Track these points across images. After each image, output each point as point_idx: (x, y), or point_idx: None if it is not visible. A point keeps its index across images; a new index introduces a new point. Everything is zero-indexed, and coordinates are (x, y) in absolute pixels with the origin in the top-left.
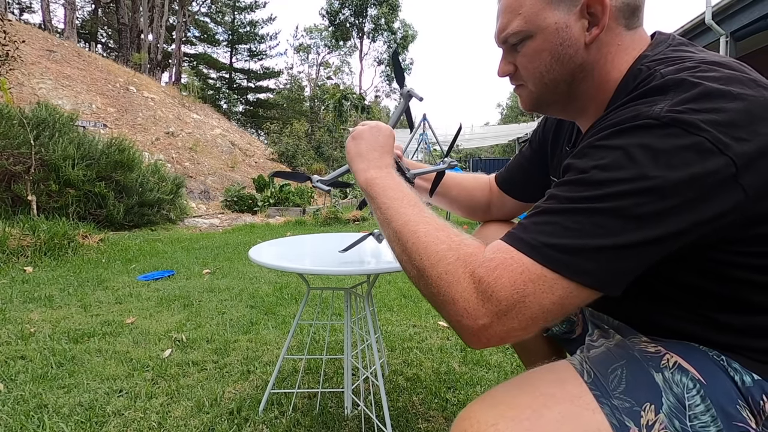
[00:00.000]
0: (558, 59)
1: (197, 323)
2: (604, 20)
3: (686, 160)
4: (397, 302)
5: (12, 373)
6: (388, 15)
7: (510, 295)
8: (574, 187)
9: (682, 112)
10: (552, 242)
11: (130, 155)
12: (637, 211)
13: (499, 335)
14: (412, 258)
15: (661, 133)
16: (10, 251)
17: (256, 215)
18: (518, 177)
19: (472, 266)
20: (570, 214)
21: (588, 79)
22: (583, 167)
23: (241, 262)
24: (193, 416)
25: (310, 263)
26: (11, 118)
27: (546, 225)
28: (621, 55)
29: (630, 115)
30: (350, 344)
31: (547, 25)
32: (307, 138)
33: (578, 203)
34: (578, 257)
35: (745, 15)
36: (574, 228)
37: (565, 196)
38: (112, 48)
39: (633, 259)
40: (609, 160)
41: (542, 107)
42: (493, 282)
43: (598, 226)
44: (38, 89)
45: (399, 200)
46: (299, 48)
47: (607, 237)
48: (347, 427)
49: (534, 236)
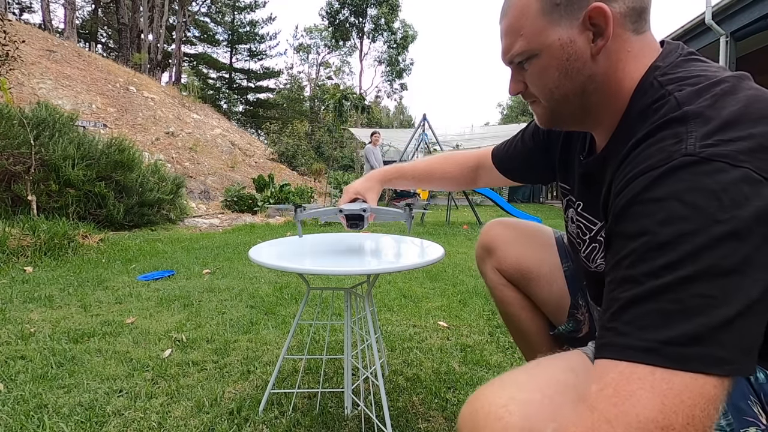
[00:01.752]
0: (566, 74)
1: (197, 323)
2: (609, 30)
3: (745, 194)
4: (397, 302)
5: (12, 373)
6: (388, 15)
7: (655, 417)
8: (643, 259)
9: (715, 145)
10: (667, 336)
11: (130, 155)
12: (726, 264)
13: None
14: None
15: (707, 170)
16: (10, 251)
17: (256, 215)
18: (519, 165)
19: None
20: (663, 294)
21: (599, 91)
22: (638, 230)
23: (241, 262)
24: (193, 416)
25: (310, 263)
26: (11, 118)
27: (644, 318)
28: (632, 62)
29: (661, 157)
30: (350, 344)
31: (550, 42)
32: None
33: (663, 277)
34: (704, 344)
35: (745, 15)
36: (677, 310)
37: (642, 273)
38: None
39: (754, 320)
40: (665, 213)
41: (558, 122)
42: (622, 415)
43: (701, 296)
44: (38, 89)
45: None
46: (299, 48)
47: (717, 307)
48: (347, 427)
49: (642, 335)
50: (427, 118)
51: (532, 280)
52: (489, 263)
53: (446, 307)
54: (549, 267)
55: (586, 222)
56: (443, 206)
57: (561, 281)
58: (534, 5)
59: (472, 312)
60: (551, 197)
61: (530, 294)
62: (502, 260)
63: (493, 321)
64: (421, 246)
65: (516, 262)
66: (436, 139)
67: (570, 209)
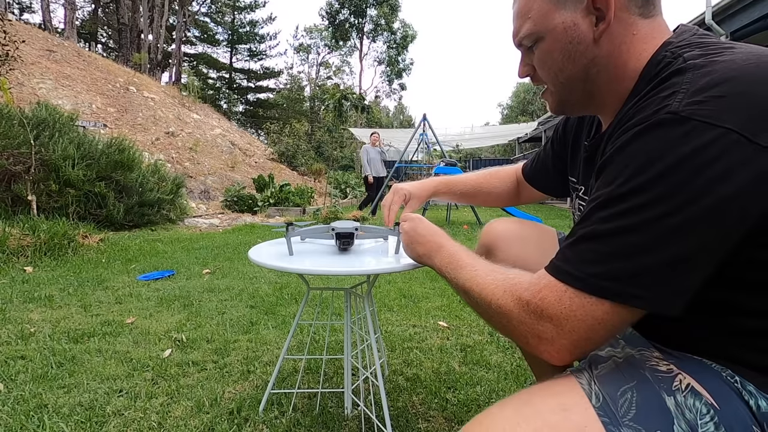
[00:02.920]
0: (569, 57)
1: (197, 323)
2: (610, 14)
3: (710, 158)
4: (397, 302)
5: (12, 373)
6: (388, 15)
7: (559, 311)
8: (603, 205)
9: (701, 102)
10: (595, 271)
11: (130, 155)
12: (667, 223)
13: (567, 348)
14: (480, 306)
15: (681, 131)
16: (10, 251)
17: (256, 215)
18: (542, 176)
19: (518, 293)
20: (605, 238)
21: (603, 73)
22: (610, 179)
23: (241, 262)
24: (193, 416)
25: (310, 263)
26: (11, 118)
27: (586, 252)
28: (638, 44)
29: (651, 110)
30: (350, 344)
31: (555, 25)
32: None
33: (609, 222)
34: (626, 282)
35: (745, 15)
36: (612, 252)
37: (598, 217)
38: (112, 48)
39: (682, 274)
40: (632, 168)
41: (566, 108)
42: (539, 302)
43: (632, 246)
44: (38, 89)
45: (459, 268)
46: (299, 48)
47: (644, 255)
48: (347, 427)
49: (577, 267)
50: (427, 118)
51: None
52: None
53: (446, 307)
54: None
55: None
56: (443, 206)
57: None
58: None
59: (472, 312)
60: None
61: None
62: (503, 261)
63: None
64: None
65: (516, 262)
66: (436, 139)
67: (577, 199)
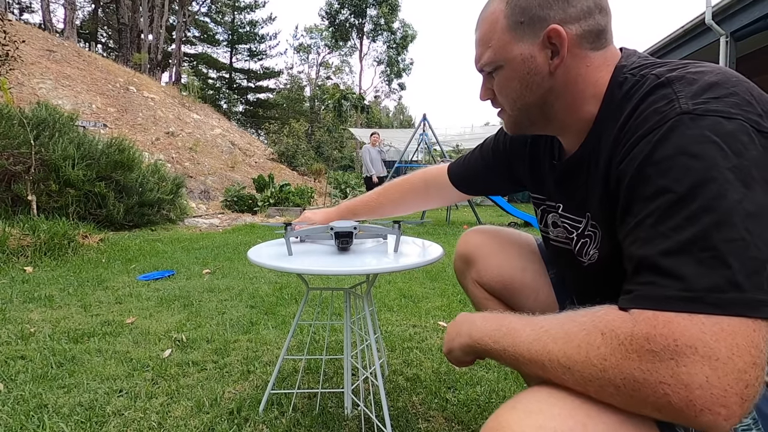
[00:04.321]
0: (527, 86)
1: (197, 323)
2: (563, 51)
3: (743, 142)
4: (397, 302)
5: (12, 373)
6: (388, 15)
7: (697, 340)
8: (666, 216)
9: (706, 102)
10: (708, 284)
11: (130, 155)
12: (744, 207)
13: (734, 392)
14: (571, 372)
15: (704, 123)
16: (10, 251)
17: (256, 215)
18: (479, 179)
19: (624, 330)
20: (694, 244)
21: (560, 100)
22: (655, 190)
23: (241, 262)
24: (193, 416)
25: (309, 263)
26: (11, 118)
27: (681, 268)
28: (593, 73)
29: (658, 118)
30: (350, 344)
31: (513, 56)
32: (307, 138)
33: (689, 228)
34: (742, 289)
35: (745, 15)
36: (711, 257)
37: (667, 228)
38: (112, 48)
39: None
40: (677, 169)
41: (523, 129)
42: (661, 330)
43: (730, 241)
44: (38, 89)
45: (514, 332)
46: (299, 48)
47: (747, 248)
48: (347, 427)
49: (681, 286)
50: (427, 118)
51: (516, 290)
52: (469, 276)
53: (446, 307)
54: (532, 275)
55: (570, 221)
56: (443, 206)
57: (547, 289)
58: (502, 21)
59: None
60: None
61: (516, 306)
62: (483, 272)
63: None
64: (421, 246)
65: (498, 273)
66: (436, 139)
67: (550, 215)
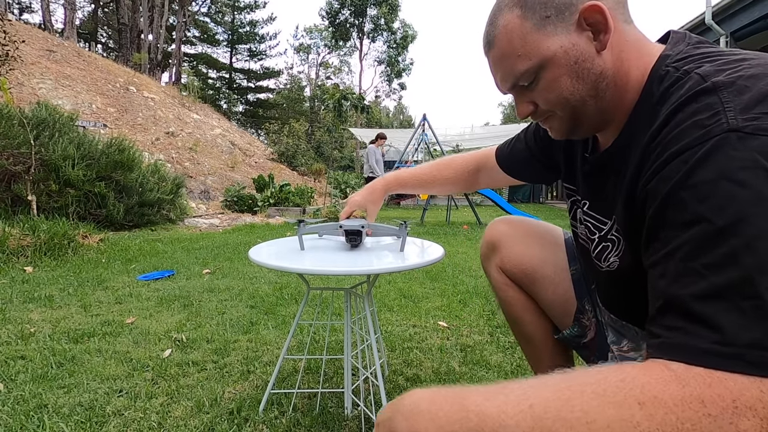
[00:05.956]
0: (578, 77)
1: (197, 323)
2: (610, 23)
3: None
4: (397, 302)
5: (12, 373)
6: (388, 15)
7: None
8: (702, 247)
9: (758, 118)
10: (750, 339)
11: (130, 155)
12: None
13: None
14: None
15: (755, 145)
16: (10, 251)
17: (256, 215)
18: (521, 164)
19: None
20: (734, 288)
21: (611, 86)
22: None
23: (241, 262)
24: (193, 416)
25: (310, 263)
26: (11, 118)
27: (718, 317)
28: (633, 52)
29: (699, 134)
30: (350, 344)
31: (553, 52)
32: (307, 138)
33: (729, 267)
34: None
35: (745, 15)
36: (755, 306)
37: (703, 265)
38: (112, 48)
39: None
40: (719, 196)
41: (577, 130)
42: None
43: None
44: (38, 89)
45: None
46: (299, 48)
47: None
48: (347, 427)
49: (718, 338)
50: (427, 118)
51: (536, 280)
52: (493, 261)
53: (446, 307)
54: (553, 268)
55: (594, 221)
56: (443, 206)
57: (567, 284)
58: (523, 25)
59: (472, 312)
60: (551, 197)
61: (534, 295)
62: (506, 259)
63: (493, 321)
64: (422, 246)
65: (519, 261)
66: (436, 140)
67: (576, 209)
